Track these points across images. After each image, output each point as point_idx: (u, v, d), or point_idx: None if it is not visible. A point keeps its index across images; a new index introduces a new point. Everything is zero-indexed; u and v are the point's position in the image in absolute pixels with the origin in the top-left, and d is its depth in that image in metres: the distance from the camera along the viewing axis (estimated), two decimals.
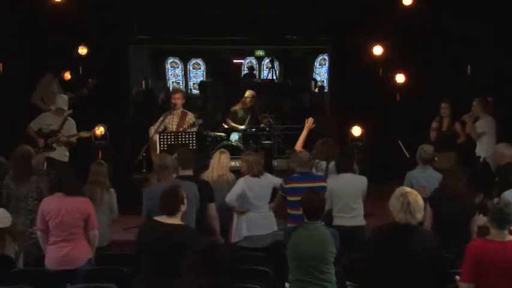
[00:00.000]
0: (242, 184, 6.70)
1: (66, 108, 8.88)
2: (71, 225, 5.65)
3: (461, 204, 6.08)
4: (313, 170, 7.10)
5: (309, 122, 7.77)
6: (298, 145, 7.54)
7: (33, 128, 8.66)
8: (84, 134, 9.12)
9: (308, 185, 6.32)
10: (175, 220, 4.99)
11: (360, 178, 6.95)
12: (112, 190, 6.81)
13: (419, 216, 4.52)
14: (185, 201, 5.08)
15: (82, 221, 5.70)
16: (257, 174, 6.78)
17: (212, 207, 6.46)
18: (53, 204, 5.69)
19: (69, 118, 8.92)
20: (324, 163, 7.21)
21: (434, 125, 9.21)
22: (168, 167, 6.14)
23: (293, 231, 5.09)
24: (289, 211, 6.58)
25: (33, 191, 6.52)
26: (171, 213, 4.97)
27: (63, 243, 5.66)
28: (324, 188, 6.47)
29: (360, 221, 6.79)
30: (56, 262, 5.65)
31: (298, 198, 6.25)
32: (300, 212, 5.77)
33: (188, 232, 5.01)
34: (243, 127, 10.78)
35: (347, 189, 6.74)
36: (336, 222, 6.67)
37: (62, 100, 8.87)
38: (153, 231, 4.92)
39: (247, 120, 10.79)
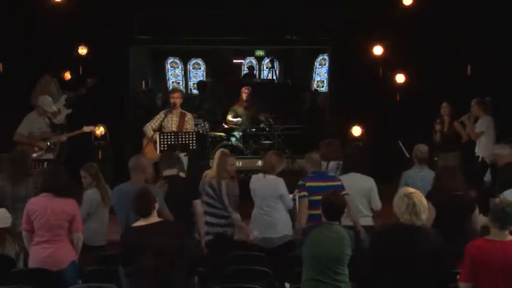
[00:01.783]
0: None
1: (51, 110, 8.97)
2: (55, 226, 5.58)
3: (459, 203, 6.07)
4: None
5: None
6: None
7: (24, 133, 8.63)
8: (87, 129, 9.18)
9: (326, 184, 6.31)
10: (154, 219, 4.93)
11: (368, 178, 6.90)
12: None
13: (424, 217, 4.50)
14: (157, 199, 5.04)
15: (67, 223, 5.62)
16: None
17: (198, 204, 6.39)
18: (39, 204, 5.64)
19: (46, 118, 8.97)
20: (324, 163, 7.18)
21: (436, 127, 9.22)
22: (137, 167, 6.05)
23: (312, 230, 5.04)
24: (309, 211, 6.41)
25: (31, 192, 6.48)
26: (147, 214, 4.90)
27: (47, 244, 5.59)
28: (341, 187, 6.38)
29: (367, 221, 6.74)
30: (39, 263, 5.59)
31: (319, 197, 6.26)
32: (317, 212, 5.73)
33: (173, 225, 5.02)
34: (239, 119, 10.83)
35: (356, 189, 6.65)
36: (343, 222, 6.60)
37: (49, 102, 8.92)
38: (140, 236, 4.84)
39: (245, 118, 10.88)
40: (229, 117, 11.08)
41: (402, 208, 4.49)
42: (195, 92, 15.52)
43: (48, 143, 8.77)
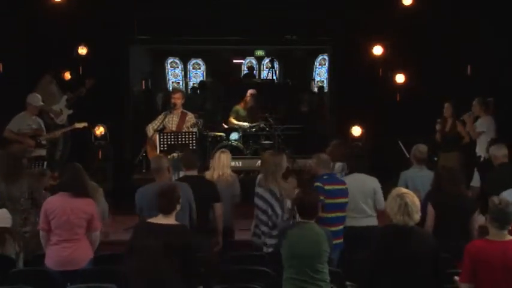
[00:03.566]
0: None
1: (39, 105, 9.00)
2: (75, 225, 5.64)
3: (463, 203, 6.07)
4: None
5: None
6: None
7: (13, 130, 8.69)
8: (78, 125, 9.23)
9: (341, 187, 6.28)
10: (171, 220, 5.00)
11: (372, 178, 6.86)
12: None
13: (417, 217, 4.51)
14: (180, 201, 5.11)
15: (85, 222, 5.69)
16: None
17: (218, 207, 6.46)
18: (57, 204, 5.67)
19: (37, 117, 9.05)
20: (338, 164, 7.16)
21: (437, 127, 9.22)
22: (164, 169, 6.14)
23: (287, 230, 5.10)
24: (324, 214, 6.15)
25: (25, 191, 6.46)
26: (167, 212, 4.98)
27: (66, 243, 5.64)
28: (347, 192, 6.35)
29: (372, 221, 6.70)
30: (59, 262, 5.63)
31: (342, 200, 6.22)
32: (333, 215, 5.72)
33: (184, 232, 5.03)
34: (246, 124, 10.83)
35: (359, 190, 6.62)
36: (348, 222, 6.56)
37: (37, 98, 8.96)
38: (149, 232, 4.90)
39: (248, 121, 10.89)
40: (233, 120, 11.08)
41: (395, 209, 4.50)
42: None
43: (39, 140, 8.80)
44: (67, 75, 10.72)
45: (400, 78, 10.98)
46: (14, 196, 6.44)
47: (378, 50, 11.04)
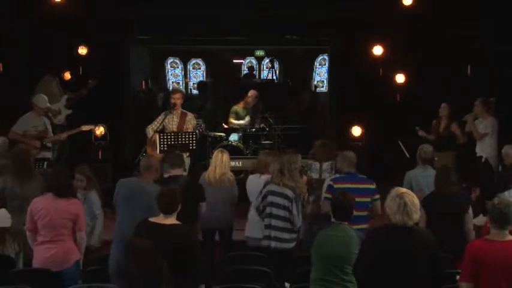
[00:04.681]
0: None
1: (45, 106, 8.93)
2: (59, 226, 5.60)
3: (453, 204, 6.09)
4: (308, 172, 7.06)
5: None
6: None
7: (18, 131, 8.65)
8: (85, 128, 9.20)
9: (356, 186, 6.15)
10: (172, 220, 4.98)
11: None
12: None
13: (416, 217, 4.51)
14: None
15: (70, 222, 5.64)
16: None
17: (203, 208, 6.43)
18: (42, 204, 5.65)
19: (44, 117, 8.96)
20: (317, 164, 7.15)
21: (434, 124, 9.22)
22: (152, 168, 6.07)
23: (320, 230, 5.08)
24: None
25: (36, 192, 6.35)
26: (169, 212, 4.96)
27: (51, 244, 5.60)
28: (374, 190, 6.28)
29: None
30: (43, 263, 5.60)
31: None
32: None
33: (186, 232, 5.02)
34: (245, 121, 10.82)
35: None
36: None
37: (43, 99, 8.91)
38: (151, 232, 4.88)
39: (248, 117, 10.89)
40: (232, 120, 11.07)
41: (394, 208, 4.49)
42: (194, 92, 15.53)
43: (44, 142, 8.76)
44: (67, 75, 10.71)
45: (400, 78, 10.99)
46: (26, 195, 6.34)
47: (378, 50, 11.05)
